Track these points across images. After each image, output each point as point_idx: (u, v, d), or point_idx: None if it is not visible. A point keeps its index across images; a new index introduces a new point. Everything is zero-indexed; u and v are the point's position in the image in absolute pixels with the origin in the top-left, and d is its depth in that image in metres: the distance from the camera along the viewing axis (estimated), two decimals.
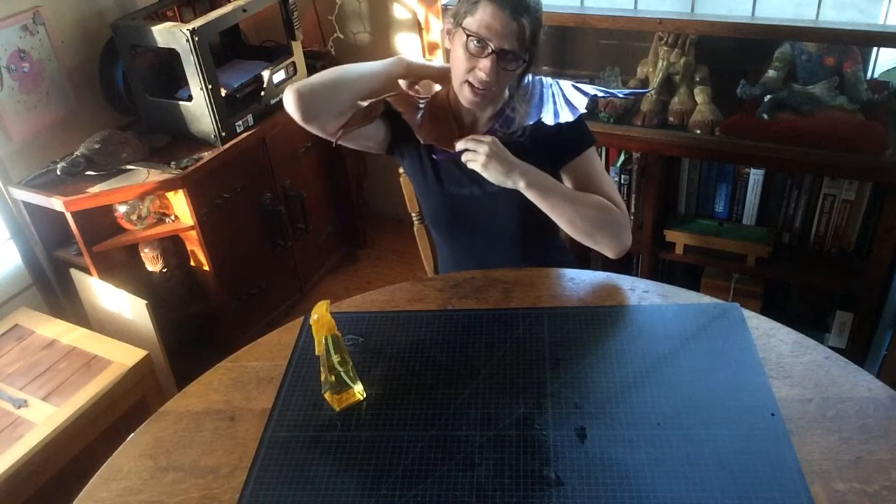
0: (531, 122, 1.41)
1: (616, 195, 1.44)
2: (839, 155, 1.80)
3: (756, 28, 1.83)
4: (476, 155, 1.33)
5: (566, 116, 1.39)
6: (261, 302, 2.45)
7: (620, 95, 1.86)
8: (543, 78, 1.48)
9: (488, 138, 1.34)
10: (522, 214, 1.47)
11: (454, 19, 1.34)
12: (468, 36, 1.29)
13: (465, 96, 1.35)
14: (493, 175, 1.34)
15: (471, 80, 1.32)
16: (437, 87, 1.49)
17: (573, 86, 1.46)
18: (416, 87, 1.49)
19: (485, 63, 1.30)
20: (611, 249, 1.40)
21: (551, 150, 1.42)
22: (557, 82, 1.48)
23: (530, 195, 1.36)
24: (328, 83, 1.37)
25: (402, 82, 1.47)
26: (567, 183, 1.45)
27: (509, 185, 1.34)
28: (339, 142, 1.41)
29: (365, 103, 1.42)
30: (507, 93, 1.44)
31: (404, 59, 1.45)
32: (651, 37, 2.01)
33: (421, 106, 1.45)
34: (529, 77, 1.44)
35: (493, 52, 1.28)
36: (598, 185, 1.43)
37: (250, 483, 1.07)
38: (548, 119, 1.40)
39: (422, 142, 1.44)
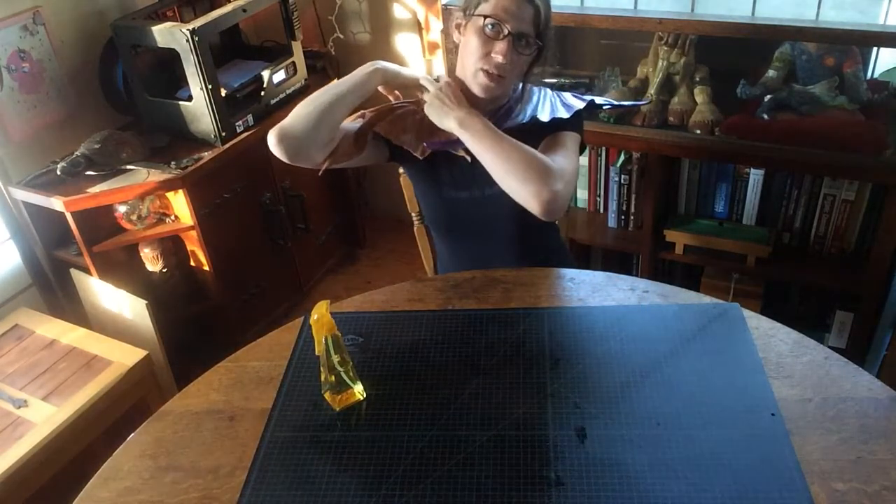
0: (526, 120, 1.41)
1: (566, 166, 1.33)
2: (839, 155, 1.80)
3: (756, 28, 1.83)
4: (427, 95, 1.36)
5: (562, 114, 1.40)
6: (261, 302, 2.45)
7: (624, 105, 1.87)
8: (544, 88, 1.49)
9: (441, 83, 1.37)
10: (521, 216, 1.47)
11: (465, 11, 1.35)
12: (484, 19, 1.29)
13: (479, 83, 1.35)
14: (432, 116, 1.35)
15: (485, 66, 1.32)
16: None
17: (573, 95, 1.48)
18: (396, 92, 1.49)
19: (501, 46, 1.30)
20: (536, 196, 1.25)
21: (542, 131, 1.42)
22: (557, 93, 1.49)
23: (462, 136, 1.31)
24: (307, 117, 1.33)
25: (381, 89, 1.45)
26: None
27: (446, 126, 1.33)
28: (337, 167, 1.40)
29: (351, 122, 1.40)
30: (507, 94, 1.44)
31: (379, 67, 1.41)
32: (651, 37, 2.01)
33: (409, 108, 1.45)
34: (530, 87, 1.45)
35: (509, 34, 1.29)
36: (553, 155, 1.34)
37: (250, 483, 1.07)
38: (544, 116, 1.40)
39: (420, 157, 1.43)
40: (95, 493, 1.08)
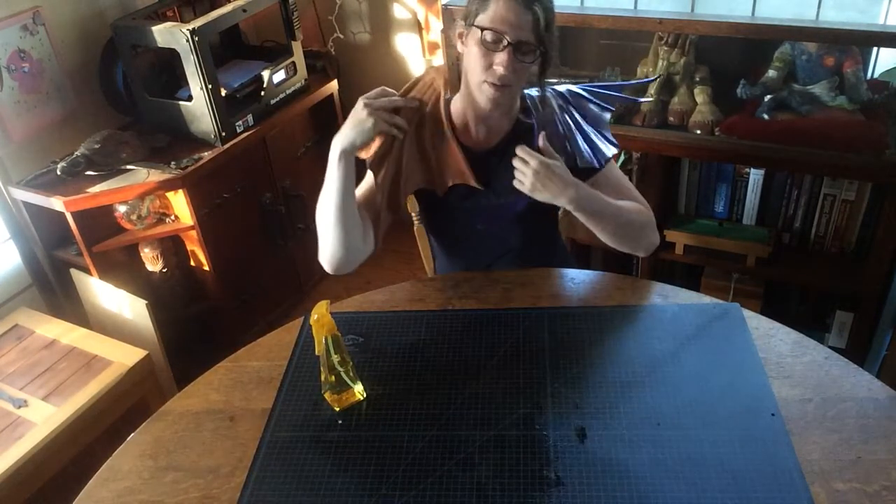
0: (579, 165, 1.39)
1: (640, 196, 1.47)
2: (839, 155, 1.80)
3: (756, 28, 1.83)
4: (523, 177, 1.31)
5: (603, 151, 1.42)
6: (261, 302, 2.45)
7: (640, 100, 1.92)
8: (551, 98, 1.44)
9: (534, 161, 1.30)
10: (523, 226, 1.47)
11: (465, 21, 1.32)
12: (483, 31, 1.28)
13: (486, 95, 1.31)
14: (540, 197, 1.32)
15: (489, 79, 1.30)
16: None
17: (585, 97, 1.46)
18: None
19: (502, 57, 1.28)
20: (646, 249, 1.45)
21: (571, 160, 1.39)
22: (569, 101, 1.44)
23: (578, 215, 1.35)
24: (332, 234, 1.35)
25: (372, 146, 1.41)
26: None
27: (558, 203, 1.33)
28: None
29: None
30: (517, 103, 1.40)
31: (340, 143, 1.34)
32: (651, 37, 2.01)
33: (394, 144, 1.42)
34: (549, 96, 1.42)
35: (509, 44, 1.27)
36: (626, 191, 1.45)
37: (250, 483, 1.07)
38: (581, 162, 1.39)
39: (440, 194, 1.44)
40: (95, 493, 1.09)
